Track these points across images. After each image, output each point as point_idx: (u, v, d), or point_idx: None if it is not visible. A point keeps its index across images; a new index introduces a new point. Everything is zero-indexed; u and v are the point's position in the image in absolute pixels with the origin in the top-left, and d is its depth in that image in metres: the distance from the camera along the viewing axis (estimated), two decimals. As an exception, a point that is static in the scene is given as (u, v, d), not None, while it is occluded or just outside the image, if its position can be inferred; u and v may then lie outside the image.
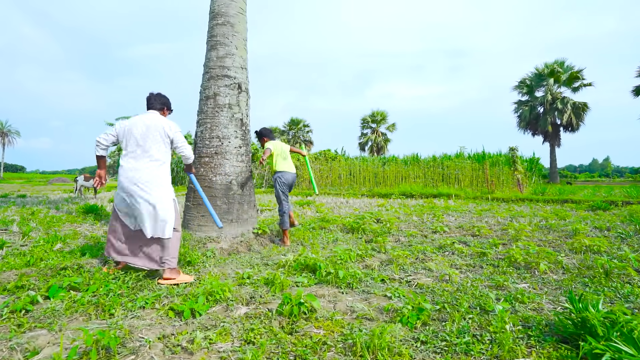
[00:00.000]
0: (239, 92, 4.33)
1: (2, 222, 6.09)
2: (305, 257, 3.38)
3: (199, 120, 4.32)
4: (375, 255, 3.98)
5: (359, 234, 5.40)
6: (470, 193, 13.57)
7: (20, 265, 3.19)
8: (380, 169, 18.35)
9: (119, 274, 2.95)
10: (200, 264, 3.49)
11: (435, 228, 5.76)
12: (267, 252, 4.05)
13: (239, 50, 4.39)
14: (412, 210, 9.01)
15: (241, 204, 4.26)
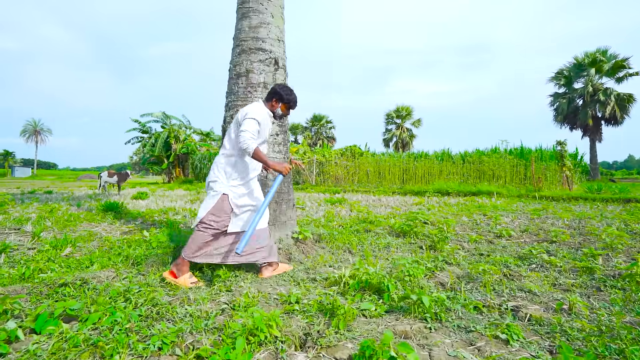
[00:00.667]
0: (276, 68, 3.61)
1: (17, 221, 5.62)
2: (366, 273, 2.62)
3: (228, 103, 3.62)
4: (446, 269, 3.18)
5: (411, 238, 4.61)
6: (514, 191, 12.47)
7: (14, 278, 2.57)
8: (412, 165, 17.36)
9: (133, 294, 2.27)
10: (232, 279, 2.79)
11: (499, 232, 4.89)
12: (311, 263, 3.32)
13: (275, 19, 3.66)
14: (456, 209, 8.12)
15: (279, 203, 3.54)
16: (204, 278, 2.77)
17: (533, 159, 12.87)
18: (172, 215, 6.76)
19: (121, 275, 2.71)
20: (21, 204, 8.39)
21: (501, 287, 2.69)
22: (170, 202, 9.32)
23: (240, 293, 2.49)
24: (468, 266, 3.25)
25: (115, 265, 2.96)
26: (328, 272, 3.10)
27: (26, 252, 3.71)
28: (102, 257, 3.09)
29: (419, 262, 3.10)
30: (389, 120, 41.74)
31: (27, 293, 2.33)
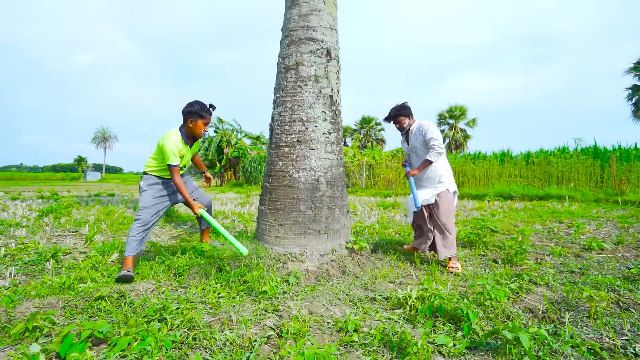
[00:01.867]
0: (328, 60, 3.25)
1: (77, 223, 5.78)
2: (438, 295, 2.16)
3: (277, 99, 3.32)
4: (533, 290, 2.62)
5: (481, 249, 4.03)
6: (589, 195, 11.11)
7: (53, 288, 2.43)
8: (469, 167, 16.25)
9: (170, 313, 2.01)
10: (280, 296, 2.46)
11: (588, 243, 4.14)
12: (368, 278, 2.91)
13: (327, 6, 3.31)
14: (525, 215, 7.26)
15: (331, 209, 3.17)
16: (249, 294, 2.46)
17: (614, 158, 11.39)
18: (221, 219, 6.66)
19: (160, 289, 2.49)
20: (85, 206, 8.81)
21: (617, 319, 2.10)
22: (221, 206, 9.34)
23: (289, 315, 2.15)
24: (562, 288, 2.66)
25: (157, 276, 2.75)
26: (389, 289, 2.67)
27: (77, 256, 3.67)
28: (144, 267, 2.90)
29: (499, 281, 2.57)
30: (442, 121, 40.04)
31: (62, 306, 2.15)
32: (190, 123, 2.97)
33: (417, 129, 3.44)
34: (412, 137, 3.49)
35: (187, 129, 3.02)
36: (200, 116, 2.94)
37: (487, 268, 3.32)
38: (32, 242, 4.24)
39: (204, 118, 2.96)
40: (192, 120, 2.95)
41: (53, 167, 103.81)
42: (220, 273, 2.75)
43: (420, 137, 3.39)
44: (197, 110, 2.93)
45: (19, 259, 3.41)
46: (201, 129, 2.99)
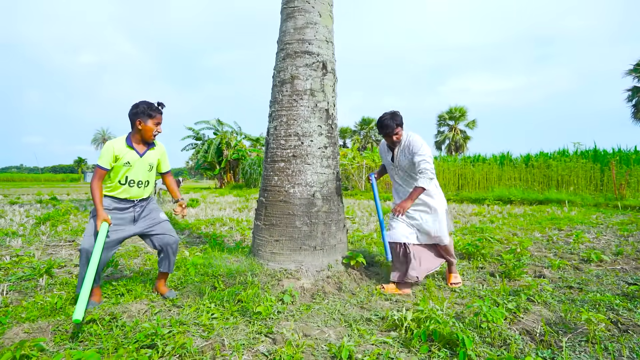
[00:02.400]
0: (324, 73, 3.22)
1: (73, 232, 5.76)
2: (433, 319, 2.13)
3: (272, 113, 3.29)
4: (531, 310, 2.59)
5: (479, 261, 3.99)
6: (589, 199, 11.07)
7: (45, 310, 2.40)
8: (468, 170, 16.22)
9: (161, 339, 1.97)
10: (274, 316, 2.42)
11: (587, 255, 4.11)
12: (364, 295, 2.88)
13: (322, 19, 3.28)
14: (524, 222, 7.23)
15: (327, 224, 3.14)
16: (243, 315, 2.43)
17: (613, 162, 11.36)
18: (218, 227, 6.64)
19: (154, 310, 2.45)
20: (82, 212, 8.78)
21: (615, 344, 2.07)
22: (219, 211, 9.31)
23: (283, 338, 2.11)
24: (560, 307, 2.62)
25: (150, 295, 2.72)
26: (385, 308, 2.64)
27: (71, 270, 3.64)
28: (137, 285, 2.87)
29: (497, 300, 2.54)
30: (441, 122, 40.00)
31: (53, 331, 2.12)
32: (139, 125, 2.56)
33: (406, 144, 3.00)
34: (399, 153, 3.05)
35: (137, 132, 2.60)
36: (149, 115, 2.55)
37: (485, 283, 3.29)
38: (27, 253, 4.21)
39: (153, 117, 2.57)
40: (140, 121, 2.55)
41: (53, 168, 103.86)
42: (214, 291, 2.72)
43: (408, 156, 2.97)
44: (143, 109, 2.55)
45: (13, 273, 3.39)
46: (152, 130, 2.58)
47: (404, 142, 3.03)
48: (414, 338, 2.09)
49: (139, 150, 2.63)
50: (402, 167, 3.06)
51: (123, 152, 2.56)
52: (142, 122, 2.56)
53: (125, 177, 2.60)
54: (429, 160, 2.87)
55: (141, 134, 2.60)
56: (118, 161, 2.55)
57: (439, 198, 3.09)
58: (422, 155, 2.87)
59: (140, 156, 2.63)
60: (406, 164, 3.01)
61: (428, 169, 2.84)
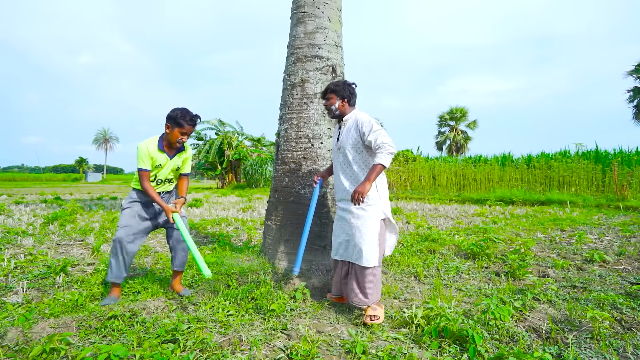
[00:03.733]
0: (334, 76, 3.30)
1: (82, 231, 5.84)
2: (443, 316, 2.21)
3: (282, 116, 3.37)
4: (536, 308, 2.67)
5: (484, 261, 4.07)
6: (591, 200, 11.15)
7: (67, 306, 2.48)
8: (471, 171, 16.29)
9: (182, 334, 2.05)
10: (288, 314, 2.50)
11: (590, 255, 4.18)
12: (373, 293, 2.95)
13: (332, 23, 3.36)
14: (526, 223, 7.30)
15: (337, 225, 3.22)
16: (258, 312, 2.51)
17: (615, 164, 11.43)
18: (224, 227, 6.72)
19: (171, 307, 2.53)
20: (88, 212, 8.87)
21: (619, 341, 2.14)
22: (223, 211, 9.39)
23: (298, 334, 2.19)
24: (565, 306, 2.70)
25: (166, 293, 2.80)
26: (394, 306, 2.72)
27: (85, 268, 3.72)
28: (153, 283, 2.95)
29: (503, 299, 2.62)
30: (442, 123, 40.06)
31: (77, 326, 2.20)
32: (167, 129, 2.67)
33: (353, 122, 2.57)
34: (344, 132, 2.61)
35: (166, 135, 2.72)
36: (177, 124, 2.63)
37: (490, 282, 3.37)
38: (39, 252, 4.30)
39: (181, 127, 2.63)
40: (168, 125, 2.65)
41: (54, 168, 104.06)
42: (228, 289, 2.80)
43: (354, 134, 2.53)
44: (175, 116, 2.62)
45: (29, 271, 3.47)
46: (176, 137, 2.66)
47: (351, 120, 2.60)
48: (424, 334, 2.17)
49: (169, 153, 2.78)
50: (345, 148, 2.58)
51: (156, 154, 2.70)
52: (170, 126, 2.67)
53: (155, 176, 2.77)
54: (383, 133, 2.41)
55: (168, 138, 2.72)
56: (151, 162, 2.70)
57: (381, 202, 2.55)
58: (373, 128, 2.44)
59: (170, 159, 2.79)
60: (349, 145, 2.55)
61: (386, 142, 2.37)
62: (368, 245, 2.42)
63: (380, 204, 2.51)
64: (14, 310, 2.40)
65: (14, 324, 2.18)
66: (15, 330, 2.08)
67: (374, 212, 2.48)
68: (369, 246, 2.42)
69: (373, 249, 2.43)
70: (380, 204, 2.51)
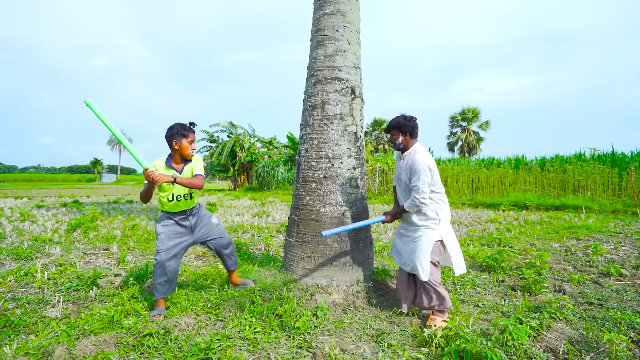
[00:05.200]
0: (353, 98, 3.40)
1: (105, 239, 6.05)
2: (462, 337, 2.30)
3: (303, 136, 3.49)
4: (554, 328, 2.73)
5: (499, 274, 4.13)
6: (607, 205, 11.02)
7: (103, 322, 2.64)
8: (484, 174, 16.21)
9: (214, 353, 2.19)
10: (312, 331, 2.62)
11: (607, 269, 4.21)
12: (391, 309, 3.05)
13: (351, 46, 3.46)
14: (541, 231, 7.30)
15: (356, 242, 3.32)
16: (283, 329, 2.63)
17: (632, 168, 11.29)
18: (241, 234, 6.87)
19: (201, 324, 2.67)
20: (107, 217, 9.13)
21: (635, 364, 2.21)
22: (238, 216, 9.57)
23: (322, 353, 2.31)
24: (581, 325, 2.76)
25: (195, 309, 2.94)
26: (414, 323, 2.81)
27: (113, 279, 3.90)
28: (181, 299, 3.10)
29: (521, 318, 2.69)
30: (454, 123, 39.83)
31: (116, 344, 2.35)
32: (175, 145, 2.84)
33: (410, 161, 2.80)
34: (403, 165, 2.88)
35: (175, 152, 2.88)
36: (183, 135, 2.83)
37: (507, 297, 3.43)
38: (68, 262, 4.50)
39: (186, 137, 2.84)
40: (176, 142, 2.83)
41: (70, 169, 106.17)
42: (253, 306, 2.93)
43: (408, 173, 2.82)
44: (178, 130, 2.83)
45: (62, 283, 3.65)
46: (187, 148, 2.85)
47: (411, 155, 2.83)
48: (444, 355, 2.26)
49: (177, 168, 2.92)
50: (400, 181, 2.95)
51: (164, 172, 2.83)
52: (177, 142, 2.84)
53: (172, 194, 2.91)
54: (423, 189, 2.70)
55: (179, 153, 2.88)
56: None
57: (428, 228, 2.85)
58: (419, 179, 2.71)
59: (180, 173, 2.92)
60: (404, 179, 2.88)
61: (418, 197, 2.71)
62: (421, 262, 2.78)
63: (438, 227, 2.84)
64: (56, 326, 2.56)
65: (59, 342, 2.34)
66: (61, 348, 2.24)
67: (430, 234, 2.82)
68: (423, 263, 2.77)
69: (425, 265, 2.77)
70: (438, 228, 2.84)
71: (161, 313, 2.79)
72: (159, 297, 2.89)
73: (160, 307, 2.87)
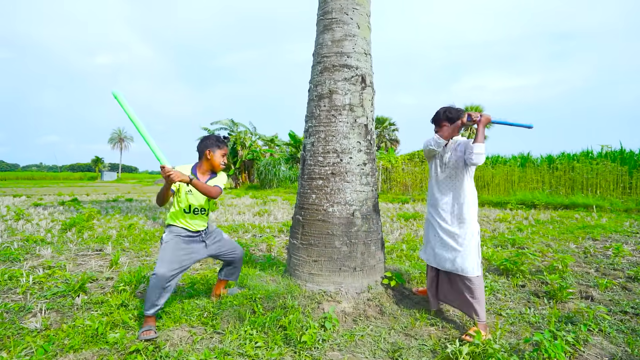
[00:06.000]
0: (363, 87, 3.11)
1: (100, 239, 5.78)
2: (492, 355, 2.01)
3: (309, 129, 3.19)
4: (591, 342, 2.44)
5: (518, 279, 3.84)
6: (619, 204, 10.70)
7: (87, 335, 2.35)
8: (489, 172, 15.89)
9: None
10: (319, 346, 2.33)
11: (634, 273, 3.91)
12: (407, 320, 2.76)
13: (361, 30, 3.16)
14: (554, 230, 6.99)
15: (367, 244, 3.03)
16: (287, 344, 2.34)
17: (644, 166, 10.95)
18: (242, 234, 6.59)
19: (196, 338, 2.38)
20: (105, 216, 8.86)
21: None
22: (239, 215, 9.29)
23: (333, 373, 2.02)
24: (622, 338, 2.47)
25: (189, 320, 2.65)
26: (432, 335, 2.52)
27: (104, 283, 3.62)
28: (175, 308, 2.81)
29: (555, 332, 2.39)
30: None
31: (98, 362, 2.07)
32: (208, 155, 2.74)
33: (458, 139, 2.79)
34: (450, 150, 2.76)
35: (205, 163, 2.78)
36: (217, 146, 2.77)
37: (531, 305, 3.14)
38: (58, 265, 4.22)
39: (220, 148, 2.79)
40: (210, 151, 2.75)
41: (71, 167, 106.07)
42: (254, 316, 2.64)
43: (460, 152, 2.70)
44: (213, 141, 2.78)
45: (48, 288, 3.38)
46: (219, 160, 2.78)
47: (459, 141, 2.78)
48: (472, 375, 1.97)
49: (201, 179, 2.76)
50: (449, 164, 2.74)
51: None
52: (211, 152, 2.75)
53: (189, 206, 2.70)
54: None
55: (210, 164, 2.77)
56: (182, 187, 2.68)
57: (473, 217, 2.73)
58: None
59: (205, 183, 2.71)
60: (453, 161, 2.72)
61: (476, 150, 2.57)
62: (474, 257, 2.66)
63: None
64: (32, 341, 2.28)
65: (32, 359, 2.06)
66: (34, 368, 1.96)
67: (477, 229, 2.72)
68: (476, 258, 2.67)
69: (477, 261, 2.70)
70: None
71: (152, 329, 2.43)
72: (149, 312, 2.52)
73: (150, 324, 2.50)
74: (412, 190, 17.39)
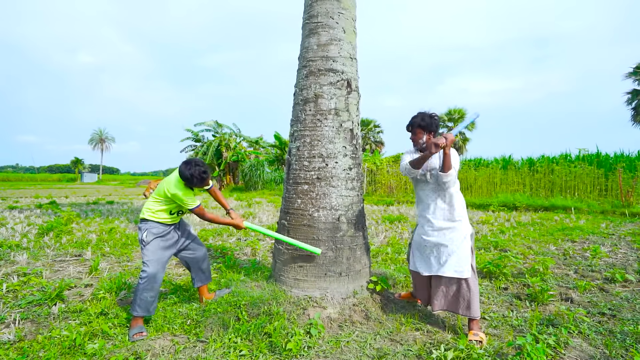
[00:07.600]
0: (348, 91, 3.10)
1: (79, 244, 5.61)
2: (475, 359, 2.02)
3: (294, 133, 3.17)
4: (571, 344, 2.48)
5: (501, 281, 3.89)
6: (596, 206, 11.02)
7: (63, 347, 2.27)
8: (472, 174, 16.15)
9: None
10: (305, 353, 2.31)
11: (611, 274, 4.01)
12: (392, 324, 2.76)
13: (347, 35, 3.16)
14: (534, 232, 7.14)
15: (352, 249, 3.02)
16: (272, 351, 2.31)
17: (620, 170, 11.32)
18: (226, 237, 6.51)
19: (179, 347, 2.33)
20: (84, 219, 8.62)
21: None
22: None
23: (319, 381, 2.00)
24: (600, 340, 2.52)
25: (172, 328, 2.59)
26: (417, 339, 2.53)
27: (82, 291, 3.51)
28: (157, 315, 2.74)
29: (537, 336, 2.43)
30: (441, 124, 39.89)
31: (75, 375, 2.00)
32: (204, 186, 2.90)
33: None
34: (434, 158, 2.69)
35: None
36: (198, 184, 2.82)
37: (513, 308, 3.19)
38: (34, 271, 4.08)
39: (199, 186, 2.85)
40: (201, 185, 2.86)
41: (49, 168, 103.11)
42: (238, 323, 2.60)
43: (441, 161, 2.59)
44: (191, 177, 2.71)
45: (23, 297, 3.25)
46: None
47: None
48: (457, 381, 1.98)
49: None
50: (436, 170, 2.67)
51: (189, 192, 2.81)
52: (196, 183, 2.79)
53: (178, 211, 2.85)
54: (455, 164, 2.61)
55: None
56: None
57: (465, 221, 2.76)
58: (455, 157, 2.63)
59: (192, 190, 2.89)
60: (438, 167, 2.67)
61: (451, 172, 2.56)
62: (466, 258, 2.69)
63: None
64: (4, 354, 2.19)
65: (4, 374, 1.98)
66: (7, 383, 1.87)
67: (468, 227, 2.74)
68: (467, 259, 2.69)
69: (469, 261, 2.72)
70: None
71: (143, 330, 2.50)
72: (141, 314, 2.57)
73: (140, 325, 2.55)
74: (397, 192, 17.53)
